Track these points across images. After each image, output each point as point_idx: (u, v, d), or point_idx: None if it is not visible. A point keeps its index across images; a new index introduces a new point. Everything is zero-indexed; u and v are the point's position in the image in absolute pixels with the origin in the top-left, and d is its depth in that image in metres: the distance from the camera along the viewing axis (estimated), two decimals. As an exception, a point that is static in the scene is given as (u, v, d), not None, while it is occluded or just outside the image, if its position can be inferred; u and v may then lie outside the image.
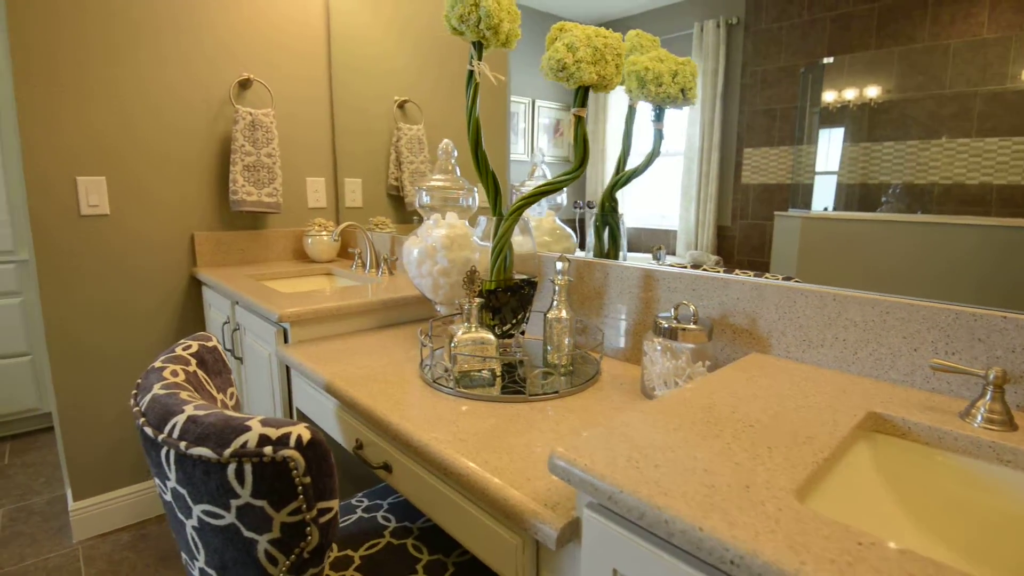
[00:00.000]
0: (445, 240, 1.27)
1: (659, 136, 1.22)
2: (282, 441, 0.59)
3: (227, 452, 0.59)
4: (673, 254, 1.29)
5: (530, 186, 1.43)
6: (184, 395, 0.70)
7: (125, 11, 1.76)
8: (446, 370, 1.07)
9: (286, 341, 1.32)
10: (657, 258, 1.25)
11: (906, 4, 0.88)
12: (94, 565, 1.78)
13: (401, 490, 0.92)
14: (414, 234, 1.35)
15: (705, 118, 1.19)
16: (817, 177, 1.01)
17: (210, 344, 0.94)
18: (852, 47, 0.94)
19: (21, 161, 1.66)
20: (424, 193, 1.33)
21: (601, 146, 1.53)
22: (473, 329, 1.04)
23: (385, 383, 1.04)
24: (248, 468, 0.59)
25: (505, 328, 1.17)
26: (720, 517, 0.50)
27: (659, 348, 0.96)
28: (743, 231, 1.14)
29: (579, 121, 1.04)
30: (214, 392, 0.88)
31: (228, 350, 1.70)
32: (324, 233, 2.06)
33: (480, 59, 1.06)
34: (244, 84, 2.01)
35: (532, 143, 1.79)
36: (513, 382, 1.03)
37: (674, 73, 1.15)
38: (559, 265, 1.07)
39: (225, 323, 1.68)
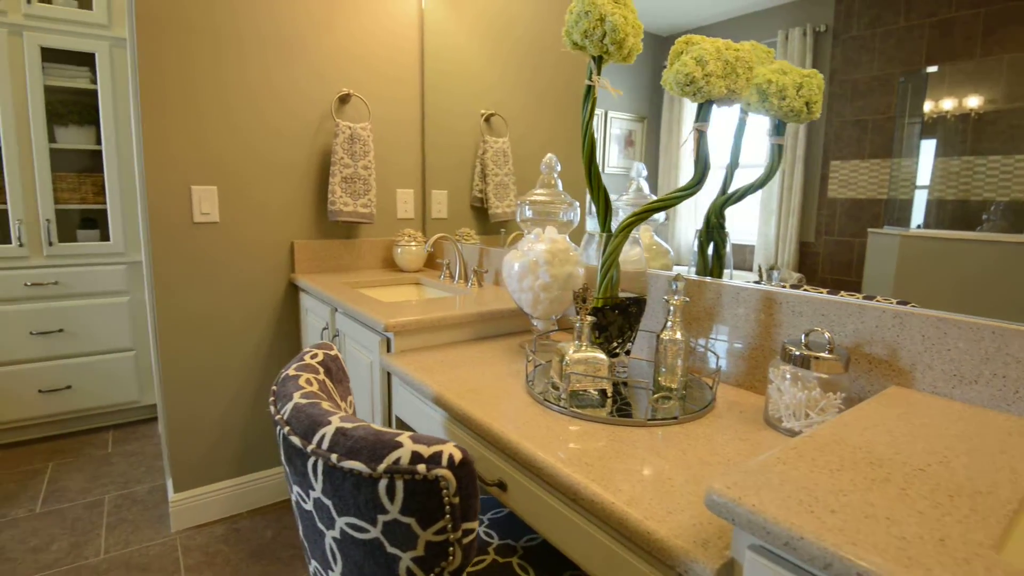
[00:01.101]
0: (547, 255, 1.26)
1: (779, 151, 1.16)
2: (434, 460, 0.59)
3: (380, 468, 0.59)
4: (749, 270, 1.23)
5: (626, 201, 1.40)
6: (326, 405, 0.71)
7: (235, 34, 1.87)
8: (553, 387, 1.05)
9: (389, 350, 1.34)
10: (767, 277, 1.19)
11: (1016, 8, 0.80)
12: (191, 556, 1.87)
13: (517, 509, 0.90)
14: (514, 247, 1.34)
15: (789, 128, 1.13)
16: (917, 192, 0.94)
17: (332, 353, 0.96)
18: (955, 55, 0.87)
19: (143, 172, 1.78)
20: (527, 207, 1.33)
21: (675, 159, 1.49)
22: (584, 348, 1.02)
23: (493, 397, 1.03)
24: (400, 485, 0.59)
25: (611, 347, 1.14)
26: (923, 574, 0.45)
27: (788, 377, 0.91)
28: (828, 248, 1.07)
29: (701, 136, 1.00)
30: (338, 400, 0.90)
31: (324, 355, 1.75)
32: (413, 243, 2.10)
33: (599, 73, 1.05)
34: (344, 99, 2.09)
35: (605, 154, 1.77)
36: (625, 404, 1.00)
37: (799, 86, 1.10)
38: (676, 284, 1.03)
39: (324, 329, 1.73)
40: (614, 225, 1.24)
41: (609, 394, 1.03)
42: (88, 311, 2.66)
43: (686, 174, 1.43)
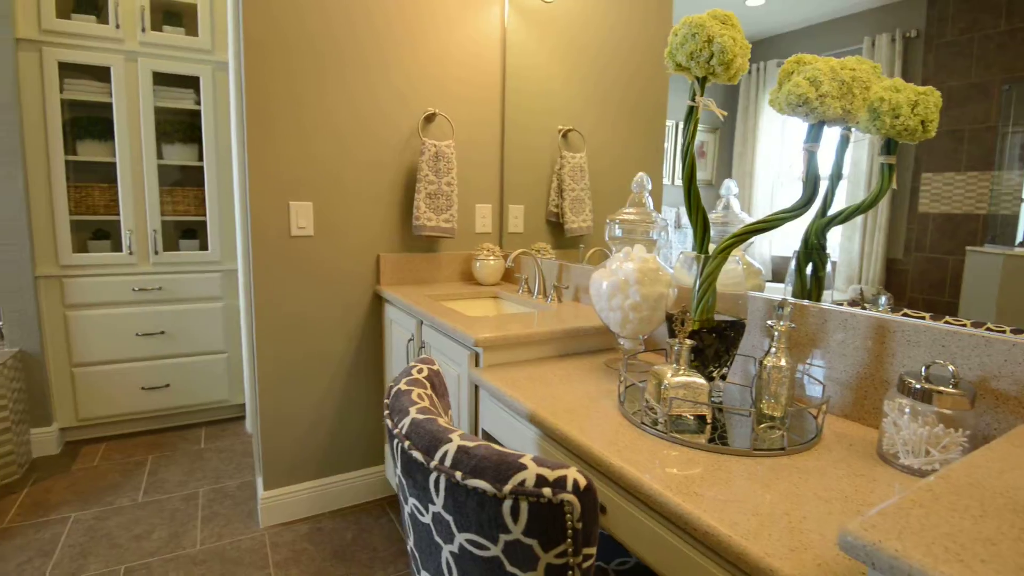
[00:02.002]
0: (637, 274, 1.26)
1: (890, 171, 1.11)
2: (559, 484, 0.60)
3: (506, 488, 0.60)
4: (830, 288, 1.18)
5: (714, 218, 1.38)
6: (442, 422, 0.74)
7: (331, 58, 1.98)
8: (648, 408, 1.05)
9: (477, 364, 1.37)
10: (873, 303, 1.14)
11: None
12: (278, 552, 1.96)
13: (616, 533, 0.90)
14: (601, 265, 1.35)
15: (874, 138, 1.07)
16: (1023, 207, 0.87)
17: (435, 368, 0.99)
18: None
19: (247, 189, 1.91)
20: (616, 225, 1.33)
21: (749, 168, 1.44)
22: (683, 371, 1.01)
23: (588, 418, 1.03)
24: (524, 506, 0.60)
25: (707, 371, 1.12)
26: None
27: (907, 411, 0.86)
28: (919, 265, 1.01)
29: (812, 156, 0.98)
30: (442, 414, 0.93)
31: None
32: (492, 258, 2.14)
33: (703, 94, 1.04)
34: (429, 118, 2.16)
35: (673, 166, 1.74)
36: (723, 431, 0.98)
37: (913, 104, 1.05)
38: (782, 310, 1.00)
39: (410, 340, 1.79)
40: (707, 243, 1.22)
41: (708, 420, 1.01)
42: (187, 315, 2.87)
43: (761, 186, 1.39)
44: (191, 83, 2.91)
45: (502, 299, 2.07)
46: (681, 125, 1.68)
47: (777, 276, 1.31)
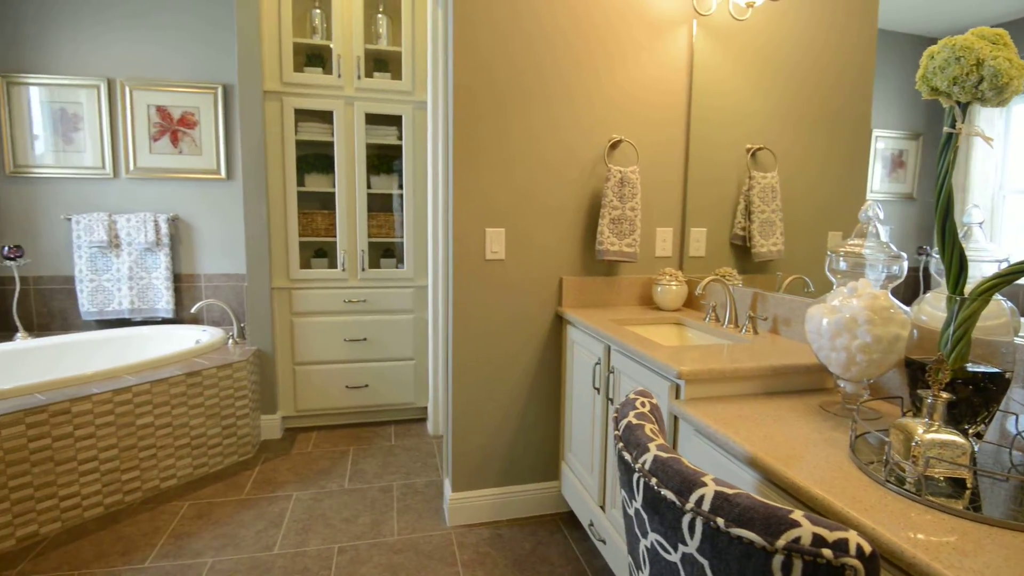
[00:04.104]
0: (868, 313, 1.16)
1: None
2: (840, 547, 0.58)
3: (778, 543, 0.60)
4: None
5: (855, 246, 1.23)
6: (687, 463, 0.76)
7: (525, 96, 2.11)
8: (892, 464, 0.96)
9: (677, 396, 1.37)
10: None
11: None
12: (465, 552, 2.11)
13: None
14: (821, 300, 1.26)
15: None
16: None
17: (654, 401, 1.01)
18: None
19: (452, 217, 2.11)
20: (840, 258, 1.25)
21: (962, 181, 1.23)
22: (937, 427, 0.91)
23: (815, 466, 0.98)
24: (798, 564, 0.59)
25: (959, 427, 1.00)
26: None
27: None
28: None
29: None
30: (676, 452, 0.94)
31: (596, 388, 1.85)
32: (675, 283, 2.11)
33: (964, 120, 0.94)
34: (614, 145, 2.21)
35: (869, 178, 1.56)
36: (974, 494, 0.86)
37: None
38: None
39: (596, 364, 1.84)
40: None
41: (969, 484, 0.90)
42: (384, 325, 3.23)
43: (978, 202, 1.20)
44: (394, 121, 3.29)
45: (687, 326, 2.03)
46: (875, 131, 1.53)
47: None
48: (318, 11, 3.12)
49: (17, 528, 2.11)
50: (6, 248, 3.10)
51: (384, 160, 3.30)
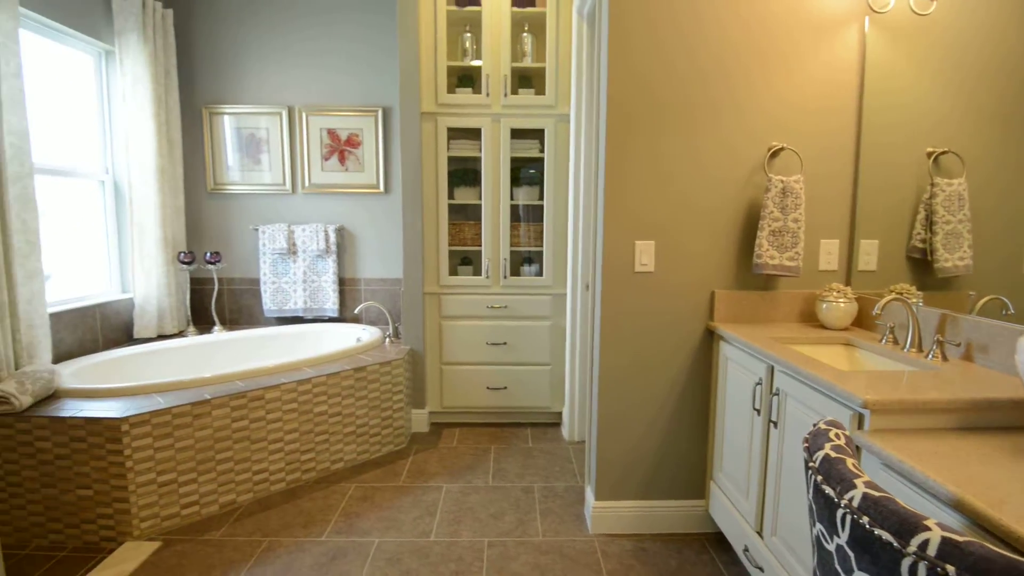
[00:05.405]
0: (1108, 348, 1.02)
1: None
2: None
3: (1029, 602, 0.57)
4: None
5: None
6: (901, 504, 0.73)
7: (684, 107, 2.10)
8: None
9: (860, 426, 1.29)
10: None
11: None
12: (609, 561, 2.15)
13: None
14: (1040, 332, 1.13)
15: None
16: None
17: (847, 433, 0.98)
18: None
19: (600, 230, 2.15)
20: (1068, 286, 1.11)
21: None
22: None
23: (1044, 519, 0.88)
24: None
25: None
26: None
27: None
28: None
29: None
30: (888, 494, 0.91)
31: (756, 409, 1.80)
32: (843, 300, 1.98)
33: None
34: (775, 153, 2.12)
35: None
36: None
37: None
38: None
39: (757, 384, 1.78)
40: None
41: None
42: (523, 330, 3.36)
43: None
44: (537, 135, 3.41)
45: (857, 347, 1.89)
46: None
47: None
48: (469, 34, 3.33)
49: (220, 496, 2.50)
50: (208, 254, 3.66)
51: (526, 172, 3.43)
